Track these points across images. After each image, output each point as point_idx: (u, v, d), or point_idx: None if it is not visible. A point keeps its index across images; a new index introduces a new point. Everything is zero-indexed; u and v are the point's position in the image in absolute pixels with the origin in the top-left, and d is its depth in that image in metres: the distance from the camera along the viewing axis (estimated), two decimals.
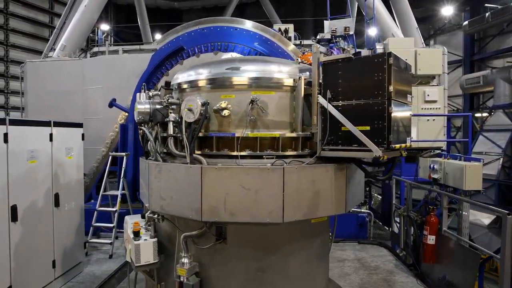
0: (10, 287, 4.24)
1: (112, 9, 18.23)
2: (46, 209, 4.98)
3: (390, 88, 2.82)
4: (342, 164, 3.22)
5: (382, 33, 10.04)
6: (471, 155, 8.25)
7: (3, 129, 4.16)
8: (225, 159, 3.21)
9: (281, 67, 3.37)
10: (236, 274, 3.25)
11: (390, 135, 2.82)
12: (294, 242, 3.30)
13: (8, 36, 13.04)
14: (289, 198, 2.95)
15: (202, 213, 3.02)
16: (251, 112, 3.20)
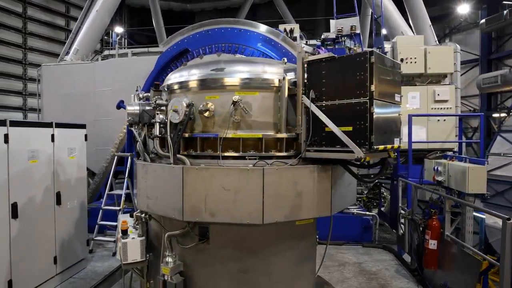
0: (10, 280, 4.40)
1: (126, 12, 18.67)
2: (48, 207, 5.14)
3: (372, 88, 2.75)
4: (327, 165, 3.16)
5: (391, 31, 9.80)
6: (483, 156, 7.94)
7: (3, 130, 4.34)
8: (208, 160, 3.21)
9: (265, 68, 3.34)
10: (219, 274, 3.24)
11: (372, 136, 2.74)
12: (278, 244, 3.26)
13: (26, 39, 13.58)
14: (269, 199, 2.92)
15: (184, 213, 3.03)
16: (234, 112, 3.19)
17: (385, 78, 2.97)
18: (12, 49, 13.09)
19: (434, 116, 8.12)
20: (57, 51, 14.60)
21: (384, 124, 2.93)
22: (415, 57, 8.27)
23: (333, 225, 7.46)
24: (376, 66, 2.77)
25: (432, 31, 10.61)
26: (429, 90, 8.24)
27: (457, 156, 5.70)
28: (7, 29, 12.80)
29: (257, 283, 3.21)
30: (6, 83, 12.99)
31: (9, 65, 12.97)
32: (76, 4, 15.61)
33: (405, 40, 8.48)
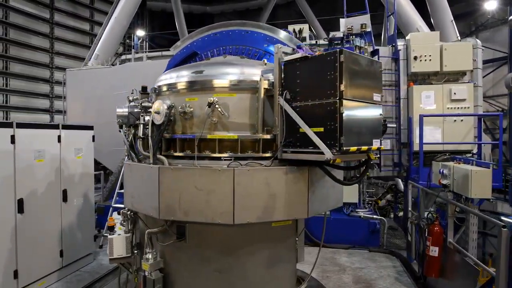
0: (16, 270, 4.72)
1: (147, 16, 19.33)
2: (54, 203, 5.45)
3: (341, 87, 2.70)
4: (303, 167, 3.13)
5: (406, 28, 9.46)
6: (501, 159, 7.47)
7: (10, 132, 4.67)
8: (186, 160, 3.29)
9: (244, 69, 3.37)
10: (195, 273, 3.31)
11: (342, 137, 2.69)
12: (254, 244, 3.28)
13: (53, 44, 14.44)
14: (240, 200, 2.94)
15: (160, 211, 3.13)
16: (211, 114, 3.25)
17: (360, 78, 2.91)
18: (40, 53, 13.96)
19: (450, 116, 7.74)
20: (82, 54, 15.40)
21: (357, 125, 2.87)
22: (430, 54, 7.93)
23: (339, 228, 7.40)
24: (346, 65, 2.72)
25: (453, 27, 10.12)
26: (445, 88, 7.87)
27: (464, 158, 5.40)
28: (35, 34, 13.67)
29: (232, 283, 3.25)
30: (35, 86, 13.87)
31: (37, 69, 13.84)
32: (100, 9, 16.38)
33: (418, 37, 8.16)
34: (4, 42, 12.46)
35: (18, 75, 13.06)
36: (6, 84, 12.60)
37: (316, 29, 17.86)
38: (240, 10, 20.83)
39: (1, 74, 12.45)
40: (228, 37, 8.48)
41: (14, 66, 12.91)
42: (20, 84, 13.17)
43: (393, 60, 8.38)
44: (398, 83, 8.33)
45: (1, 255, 4.55)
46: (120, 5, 11.76)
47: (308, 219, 7.37)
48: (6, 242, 4.63)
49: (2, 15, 12.43)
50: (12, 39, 12.71)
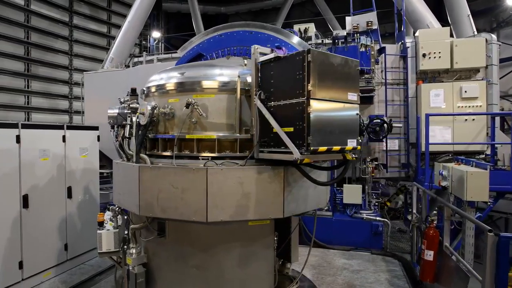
0: (21, 261, 5.05)
1: (163, 17, 19.80)
2: (59, 200, 5.76)
3: (308, 87, 2.73)
4: (279, 167, 3.18)
5: (416, 25, 9.20)
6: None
7: (15, 132, 5.00)
8: (167, 159, 3.43)
9: (222, 71, 3.46)
10: (174, 268, 3.44)
11: (309, 137, 2.72)
12: (230, 243, 3.36)
13: (72, 46, 15.10)
14: (214, 198, 3.04)
15: (140, 208, 3.29)
16: (191, 115, 3.36)
17: (332, 77, 2.93)
18: (60, 55, 14.64)
19: (461, 116, 7.48)
20: (100, 56, 16.02)
21: (328, 125, 2.89)
22: (440, 51, 7.71)
23: (341, 229, 7.33)
24: (314, 65, 2.75)
25: (470, 22, 9.75)
26: (455, 86, 7.62)
27: (466, 159, 5.22)
28: (55, 37, 14.35)
29: (209, 280, 3.35)
30: (55, 88, 14.55)
31: (57, 71, 14.52)
32: (117, 12, 16.95)
33: (428, 33, 7.95)
34: (25, 45, 13.17)
35: (39, 77, 13.76)
36: (27, 85, 13.31)
37: (335, 27, 17.63)
38: (255, 10, 20.91)
39: (22, 76, 13.16)
40: (232, 38, 8.63)
41: (35, 68, 13.61)
42: (40, 85, 13.87)
43: (401, 58, 8.20)
44: (406, 81, 8.15)
45: (6, 247, 4.88)
46: (133, 9, 12.18)
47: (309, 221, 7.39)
48: (11, 235, 4.95)
49: (24, 19, 13.14)
50: (33, 42, 13.41)
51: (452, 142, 7.21)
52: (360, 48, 7.91)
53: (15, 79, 12.91)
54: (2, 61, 12.38)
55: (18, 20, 12.89)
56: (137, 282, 3.44)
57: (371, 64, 8.10)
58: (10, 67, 12.67)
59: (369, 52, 8.03)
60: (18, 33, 12.95)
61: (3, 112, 12.48)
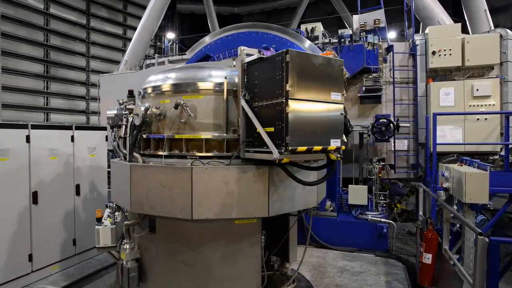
0: (30, 254, 5.36)
1: (177, 18, 20.21)
2: (67, 196, 6.06)
3: (287, 87, 2.79)
4: (264, 166, 3.25)
5: (426, 22, 9.00)
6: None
7: (25, 132, 5.32)
8: (157, 158, 3.58)
9: (211, 72, 3.57)
10: (164, 264, 3.59)
11: (287, 137, 2.78)
12: (217, 240, 3.47)
13: (89, 48, 15.72)
14: (198, 196, 3.16)
15: (131, 205, 3.45)
16: (180, 115, 3.50)
17: (313, 77, 2.97)
18: (77, 57, 15.27)
19: (472, 115, 7.28)
20: (115, 58, 16.59)
21: (309, 125, 2.94)
22: (450, 48, 7.53)
23: (345, 231, 7.30)
24: (293, 65, 2.81)
25: (487, 17, 9.47)
26: (467, 85, 7.42)
27: (470, 160, 5.09)
28: (73, 39, 14.98)
29: (197, 276, 3.47)
30: (73, 89, 15.19)
31: (74, 72, 15.16)
32: (133, 14, 17.48)
33: (437, 30, 7.77)
34: (45, 47, 13.82)
35: (57, 78, 14.40)
36: (46, 87, 13.97)
37: (351, 25, 17.46)
38: (268, 10, 21.00)
39: (42, 78, 13.81)
40: (239, 39, 8.82)
41: (54, 70, 14.26)
42: (59, 87, 14.51)
43: (411, 56, 8.06)
44: (415, 80, 8.00)
45: (16, 240, 5.20)
46: (146, 12, 12.55)
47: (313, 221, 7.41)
48: (21, 229, 5.27)
49: (44, 22, 13.79)
50: (52, 45, 14.05)
51: (460, 142, 7.03)
52: (367, 47, 7.84)
53: (35, 80, 13.57)
54: (23, 63, 13.05)
55: (38, 23, 13.54)
56: (129, 277, 3.61)
57: (379, 63, 8.02)
58: (30, 69, 13.33)
59: (376, 50, 7.95)
60: (38, 36, 13.61)
61: (24, 112, 13.14)
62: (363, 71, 7.94)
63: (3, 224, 5.03)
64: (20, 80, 12.91)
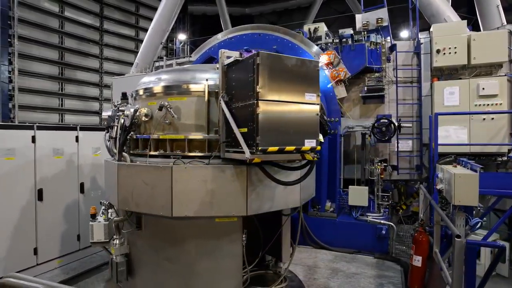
0: (35, 248, 5.72)
1: (189, 20, 20.59)
2: (72, 194, 6.41)
3: (257, 89, 2.92)
4: (242, 166, 3.39)
5: (433, 19, 8.87)
6: None
7: (31, 133, 5.69)
8: (144, 158, 3.78)
9: (195, 75, 3.75)
10: (149, 259, 3.79)
11: (258, 137, 2.91)
12: (198, 238, 3.63)
13: (102, 50, 16.29)
14: (178, 194, 3.34)
15: (118, 202, 3.67)
16: (165, 116, 3.69)
17: (284, 78, 3.07)
18: (91, 59, 15.86)
19: (477, 114, 7.15)
20: (128, 59, 17.10)
21: (281, 125, 3.05)
22: (455, 46, 7.42)
23: (344, 232, 7.34)
24: (263, 67, 2.94)
25: (499, 13, 9.23)
26: (472, 83, 7.30)
27: (464, 161, 5.04)
28: (87, 41, 15.58)
29: (179, 272, 3.66)
30: (87, 90, 15.79)
31: (88, 74, 15.75)
32: (145, 16, 17.97)
33: (442, 28, 7.68)
34: (59, 49, 14.45)
35: (72, 80, 15.01)
36: (61, 88, 14.59)
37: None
38: (279, 10, 21.09)
39: (57, 79, 14.44)
40: (242, 41, 9.02)
41: (68, 72, 14.88)
42: (73, 88, 15.12)
43: (415, 55, 7.99)
44: (420, 79, 7.93)
45: (22, 235, 5.56)
46: (156, 16, 12.91)
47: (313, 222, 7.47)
48: (27, 224, 5.64)
49: (59, 25, 14.42)
50: (66, 47, 14.67)
51: (462, 143, 6.93)
52: (370, 46, 7.83)
53: (50, 82, 14.21)
54: (39, 65, 13.69)
55: (53, 26, 14.17)
56: (118, 271, 3.83)
57: (382, 62, 7.99)
58: (45, 71, 13.98)
59: (379, 50, 7.93)
60: (53, 38, 14.24)
61: (40, 113, 13.79)
62: (366, 71, 7.94)
63: (10, 219, 5.40)
64: (36, 81, 13.56)
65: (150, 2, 18.07)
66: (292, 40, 8.13)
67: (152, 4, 17.95)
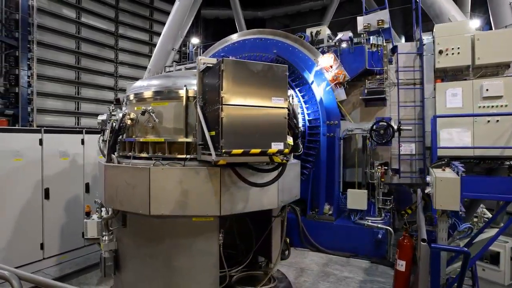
0: (42, 243, 6.21)
1: (202, 24, 21.17)
2: (77, 193, 6.90)
3: (221, 94, 3.17)
4: (215, 167, 3.63)
5: (437, 19, 8.81)
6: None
7: (39, 136, 6.20)
8: (129, 160, 4.12)
9: (176, 81, 4.05)
10: (133, 255, 4.12)
11: (222, 140, 3.16)
12: (176, 236, 3.90)
13: (117, 55, 17.08)
14: (156, 194, 3.63)
15: (105, 200, 4.02)
16: (148, 121, 4.01)
17: (250, 83, 3.30)
18: (106, 63, 16.67)
19: (481, 116, 7.05)
20: (142, 63, 17.81)
21: (245, 129, 3.28)
22: (458, 46, 7.37)
23: (342, 235, 7.43)
24: (227, 73, 3.19)
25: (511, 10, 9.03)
26: (476, 85, 7.21)
27: (455, 165, 5.05)
28: (102, 46, 16.40)
29: (158, 268, 3.94)
30: (102, 94, 16.60)
31: (104, 78, 16.56)
32: (158, 20, 18.67)
33: (444, 28, 7.63)
34: (76, 54, 15.30)
35: (88, 84, 15.84)
36: (77, 92, 15.43)
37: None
38: (292, 13, 21.29)
39: (73, 84, 15.29)
40: (244, 46, 9.35)
41: (85, 77, 15.72)
42: (89, 92, 15.95)
43: (418, 56, 7.99)
44: (422, 81, 7.91)
45: (30, 231, 6.07)
46: (168, 22, 13.41)
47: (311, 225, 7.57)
48: (34, 221, 6.14)
49: (76, 31, 15.28)
50: (83, 52, 15.52)
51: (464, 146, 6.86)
52: (371, 48, 7.91)
53: (67, 86, 15.07)
54: (56, 70, 14.56)
55: (70, 31, 15.03)
56: (105, 265, 4.18)
57: (383, 64, 8.04)
58: (63, 75, 14.83)
59: (381, 52, 7.99)
60: (70, 44, 15.10)
61: (57, 117, 14.64)
62: (367, 73, 8.02)
63: (18, 215, 5.91)
64: (53, 86, 14.43)
65: (163, 7, 18.75)
66: (292, 43, 8.34)
67: (165, 9, 18.62)
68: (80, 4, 15.35)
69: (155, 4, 18.79)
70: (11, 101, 12.47)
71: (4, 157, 5.73)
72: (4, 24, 12.54)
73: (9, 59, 12.63)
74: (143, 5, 18.28)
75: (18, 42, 12.59)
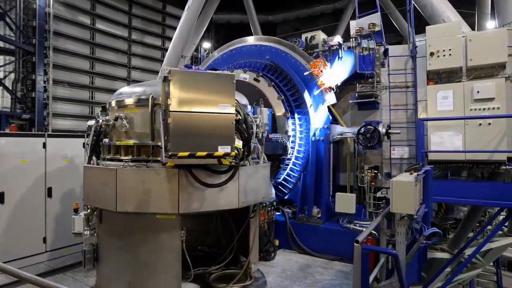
0: (44, 237, 7.02)
1: (213, 28, 21.97)
2: (78, 192, 7.66)
3: (168, 102, 3.71)
4: (174, 169, 4.17)
5: (431, 20, 8.92)
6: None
7: (43, 140, 7.03)
8: (106, 162, 4.75)
9: (145, 89, 4.63)
10: (108, 249, 4.72)
11: (169, 144, 3.70)
12: (142, 231, 4.45)
13: (130, 59, 18.16)
14: (122, 192, 4.22)
15: (84, 198, 4.68)
16: (121, 126, 4.63)
17: (197, 91, 3.82)
18: (119, 68, 17.78)
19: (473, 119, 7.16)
20: (154, 68, 18.80)
21: (191, 133, 3.80)
22: (450, 48, 7.51)
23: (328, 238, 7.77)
24: (174, 83, 3.73)
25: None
26: (467, 87, 7.32)
27: (422, 168, 5.29)
28: (115, 51, 17.52)
29: (128, 261, 4.52)
30: None
31: (117, 82, 17.67)
32: (170, 25, 19.63)
33: (436, 29, 7.78)
34: (90, 59, 16.47)
35: (101, 89, 16.99)
36: (92, 97, 16.59)
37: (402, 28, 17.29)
38: (303, 17, 21.65)
39: (88, 88, 16.44)
40: (241, 53, 9.97)
41: (99, 81, 16.87)
42: (103, 97, 17.09)
43: (411, 59, 8.18)
44: (415, 84, 8.09)
45: (33, 226, 6.89)
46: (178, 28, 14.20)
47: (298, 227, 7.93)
48: (38, 217, 6.97)
49: (90, 37, 16.46)
50: (97, 57, 16.68)
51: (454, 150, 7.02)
52: (362, 52, 8.20)
53: (82, 91, 16.26)
54: (71, 75, 15.74)
55: (84, 37, 16.22)
56: (85, 257, 4.82)
57: (376, 68, 8.29)
58: (77, 80, 16.02)
59: (372, 55, 8.25)
60: (84, 49, 16.29)
61: (72, 121, 15.82)
62: (358, 76, 8.29)
63: (23, 212, 6.73)
64: (68, 90, 15.64)
65: (176, 12, 19.69)
66: (284, 49, 8.81)
67: (178, 14, 19.54)
68: (94, 11, 16.53)
69: (168, 10, 19.76)
70: (28, 106, 13.71)
71: (12, 159, 6.60)
72: (22, 31, 13.80)
73: (26, 65, 13.88)
74: (155, 11, 19.32)
75: (35, 48, 13.81)
